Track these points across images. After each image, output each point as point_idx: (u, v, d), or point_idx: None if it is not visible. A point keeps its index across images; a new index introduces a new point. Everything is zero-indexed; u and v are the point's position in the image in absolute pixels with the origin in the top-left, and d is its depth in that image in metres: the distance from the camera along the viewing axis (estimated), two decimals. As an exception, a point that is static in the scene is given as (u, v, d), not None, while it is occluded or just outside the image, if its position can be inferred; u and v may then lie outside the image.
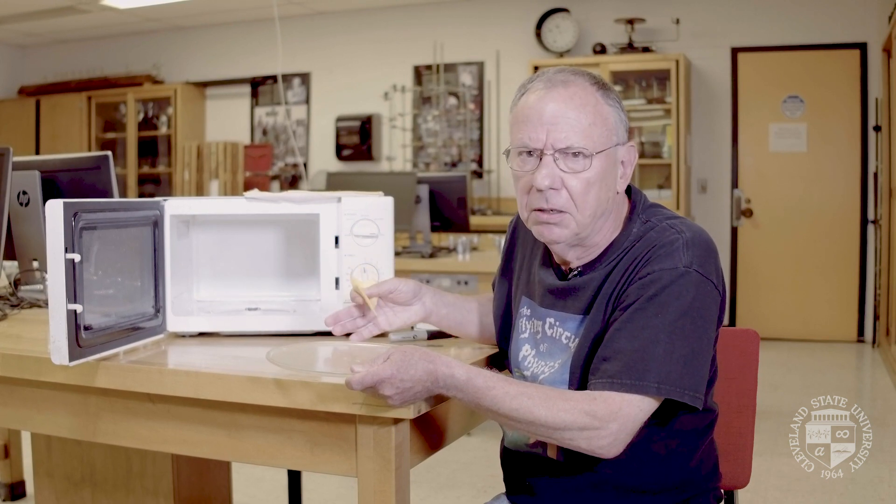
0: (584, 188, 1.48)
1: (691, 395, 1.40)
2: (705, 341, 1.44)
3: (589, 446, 1.37)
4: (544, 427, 1.37)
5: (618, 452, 1.39)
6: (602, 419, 1.36)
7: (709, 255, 1.46)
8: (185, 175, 9.13)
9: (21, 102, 9.92)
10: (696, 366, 1.42)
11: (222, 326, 1.90)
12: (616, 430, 1.36)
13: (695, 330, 1.42)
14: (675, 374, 1.38)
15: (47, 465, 2.81)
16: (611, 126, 1.51)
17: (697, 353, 1.42)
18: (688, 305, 1.41)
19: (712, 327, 1.47)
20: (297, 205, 1.88)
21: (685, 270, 1.42)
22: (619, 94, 1.56)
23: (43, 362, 1.61)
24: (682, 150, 7.25)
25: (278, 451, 1.55)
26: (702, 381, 1.43)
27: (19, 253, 2.56)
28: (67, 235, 1.48)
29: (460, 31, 8.28)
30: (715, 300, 1.46)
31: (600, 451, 1.37)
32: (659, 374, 1.38)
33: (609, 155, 1.50)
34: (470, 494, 3.61)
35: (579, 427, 1.36)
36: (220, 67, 9.27)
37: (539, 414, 1.36)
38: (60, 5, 8.17)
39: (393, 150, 8.53)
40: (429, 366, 1.38)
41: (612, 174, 1.51)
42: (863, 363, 6.62)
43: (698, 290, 1.42)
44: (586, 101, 1.49)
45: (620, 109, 1.53)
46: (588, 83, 1.51)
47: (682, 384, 1.39)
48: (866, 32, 7.07)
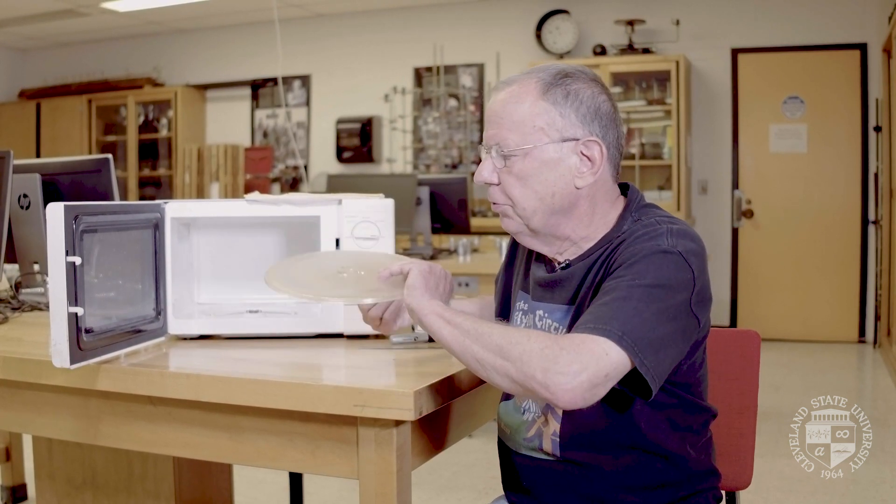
0: (513, 184, 1.52)
1: (641, 360, 1.32)
2: (674, 320, 1.39)
3: (544, 379, 1.28)
4: (505, 354, 1.33)
5: (574, 399, 1.28)
6: (563, 348, 1.29)
7: (696, 249, 1.45)
8: (185, 178, 9.14)
9: (21, 105, 9.92)
10: (659, 337, 1.36)
11: (223, 329, 1.90)
12: (577, 369, 1.27)
13: (667, 306, 1.37)
14: (638, 332, 1.32)
15: (48, 468, 2.81)
16: (547, 123, 1.49)
17: (664, 326, 1.37)
18: (664, 280, 1.38)
19: (684, 312, 1.41)
20: (298, 207, 1.88)
21: (668, 249, 1.41)
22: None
23: (44, 365, 1.61)
24: (682, 151, 7.25)
25: (279, 454, 1.55)
26: (661, 358, 1.36)
27: (20, 256, 2.56)
28: (68, 238, 1.48)
29: (460, 32, 8.28)
30: (689, 289, 1.41)
31: (556, 389, 1.27)
32: (624, 325, 1.32)
33: (545, 151, 1.50)
34: (471, 496, 3.61)
35: (539, 351, 1.30)
36: (220, 70, 9.28)
37: (504, 340, 1.35)
38: (61, 8, 8.18)
39: (393, 152, 8.53)
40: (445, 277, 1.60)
41: (554, 170, 1.50)
42: (864, 364, 6.61)
43: (678, 271, 1.40)
44: (521, 99, 1.50)
45: (570, 106, 1.50)
46: (534, 81, 1.51)
47: (639, 345, 1.32)
48: (866, 33, 7.07)
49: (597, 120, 1.51)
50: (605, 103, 1.52)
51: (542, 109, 1.49)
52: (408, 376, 1.59)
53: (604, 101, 1.52)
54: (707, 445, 1.63)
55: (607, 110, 1.52)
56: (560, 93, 1.49)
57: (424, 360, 1.70)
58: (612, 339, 1.31)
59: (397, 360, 1.70)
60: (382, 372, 1.66)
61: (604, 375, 1.29)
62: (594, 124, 1.50)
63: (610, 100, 1.54)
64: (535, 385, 1.29)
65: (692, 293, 1.42)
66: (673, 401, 1.51)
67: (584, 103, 1.50)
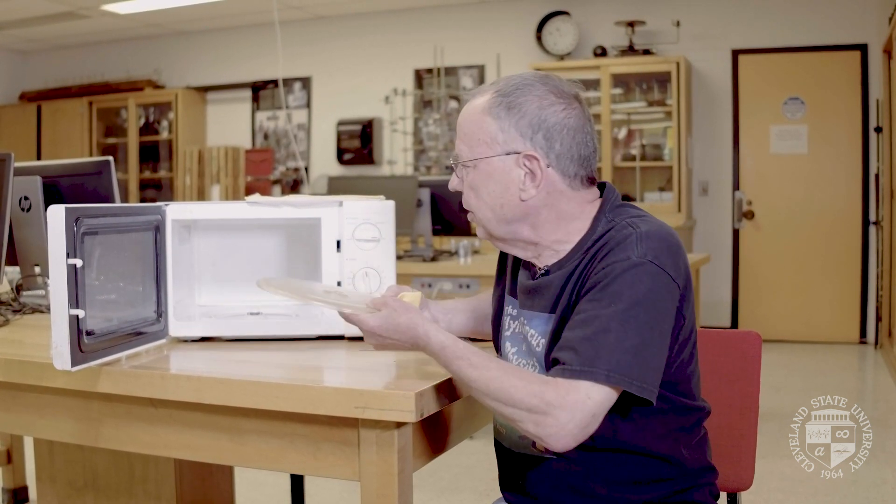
0: (469, 193, 1.60)
1: (639, 386, 1.38)
2: (658, 333, 1.43)
3: (536, 432, 1.37)
4: (497, 402, 1.40)
5: (567, 444, 1.36)
6: (549, 404, 1.35)
7: (666, 248, 1.46)
8: (186, 180, 9.14)
9: (22, 108, 9.93)
10: (647, 356, 1.40)
11: (224, 331, 1.90)
12: (564, 420, 1.35)
13: (648, 321, 1.40)
14: (624, 363, 1.37)
15: (50, 470, 2.81)
16: (490, 137, 1.53)
17: (649, 343, 1.40)
18: (641, 295, 1.41)
19: (668, 319, 1.45)
20: (299, 209, 1.89)
21: (639, 261, 1.43)
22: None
23: (45, 367, 1.61)
24: (683, 152, 7.25)
25: (281, 456, 1.55)
26: (653, 372, 1.41)
27: (21, 258, 2.56)
28: (69, 241, 1.48)
29: (461, 34, 8.28)
30: (672, 292, 1.45)
31: (548, 439, 1.36)
32: (609, 362, 1.36)
33: (490, 164, 1.54)
34: (472, 498, 3.61)
35: (527, 408, 1.36)
36: (220, 72, 9.28)
37: (493, 387, 1.40)
38: (61, 11, 8.19)
39: (394, 153, 8.53)
40: (411, 329, 1.50)
41: (499, 183, 1.54)
42: (865, 364, 6.61)
43: (653, 280, 1.42)
44: (471, 116, 1.56)
45: (510, 120, 1.51)
46: (488, 95, 1.55)
47: (632, 374, 1.37)
48: (867, 34, 7.07)
49: (540, 132, 1.51)
50: (555, 115, 1.51)
51: (486, 123, 1.53)
52: (409, 378, 1.59)
53: (553, 113, 1.51)
54: (702, 443, 1.63)
55: (556, 121, 1.51)
56: (503, 107, 1.52)
57: (425, 361, 1.70)
58: (598, 381, 1.36)
59: (398, 362, 1.70)
60: (383, 374, 1.66)
61: (591, 416, 1.37)
62: (537, 136, 1.51)
63: (566, 107, 1.52)
64: (532, 436, 1.40)
65: (677, 295, 1.45)
66: (664, 405, 1.50)
67: (526, 117, 1.51)
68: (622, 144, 7.67)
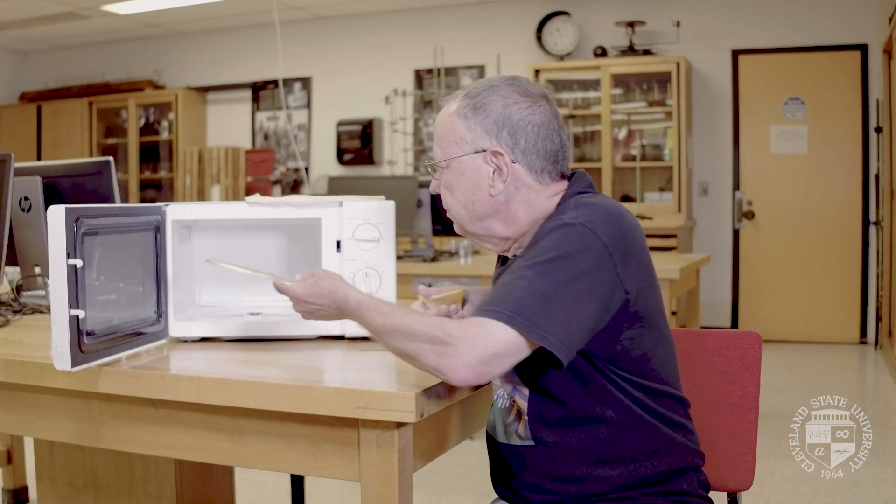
0: (444, 193, 1.67)
1: (540, 335, 1.38)
2: (578, 291, 1.42)
3: (437, 364, 1.39)
4: (403, 338, 1.43)
5: (466, 377, 1.38)
6: (450, 335, 1.39)
7: (605, 215, 1.48)
8: (186, 180, 9.14)
9: (22, 108, 9.93)
10: (557, 308, 1.40)
11: (224, 331, 1.90)
12: (463, 351, 1.37)
13: (567, 276, 1.42)
14: (530, 308, 1.39)
15: (50, 470, 2.81)
16: (459, 138, 1.61)
17: (563, 297, 1.41)
18: (563, 251, 1.43)
19: (595, 282, 1.44)
20: (299, 209, 1.89)
21: (569, 222, 1.47)
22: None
23: (45, 368, 1.61)
24: (683, 152, 7.25)
25: (281, 456, 1.55)
26: (562, 326, 1.40)
27: (21, 259, 2.56)
28: (69, 241, 1.48)
29: (461, 34, 8.29)
30: (600, 255, 1.44)
31: (447, 369, 1.38)
32: (515, 304, 1.39)
33: (461, 163, 1.61)
34: (473, 498, 3.61)
35: (429, 339, 1.40)
36: (220, 72, 9.28)
37: (399, 325, 1.45)
38: (61, 11, 8.19)
39: (394, 154, 8.53)
40: (332, 292, 1.55)
41: (469, 180, 1.61)
42: (865, 365, 6.61)
43: (581, 240, 1.44)
44: (442, 120, 1.64)
45: (476, 119, 1.59)
46: (458, 99, 1.63)
47: (535, 321, 1.38)
48: (867, 34, 7.07)
49: (505, 129, 1.58)
50: (519, 112, 1.58)
51: (454, 125, 1.61)
52: (409, 378, 1.58)
53: (517, 111, 1.58)
54: (680, 429, 1.62)
55: (520, 118, 1.57)
56: (470, 108, 1.60)
57: (426, 362, 1.70)
58: (500, 319, 1.39)
59: (399, 362, 1.70)
60: (384, 374, 1.66)
61: (492, 354, 1.38)
62: (502, 133, 1.58)
63: (531, 106, 1.58)
64: (434, 371, 1.42)
65: (607, 258, 1.45)
66: (619, 380, 1.53)
67: (491, 115, 1.58)
68: (622, 145, 7.67)
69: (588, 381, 1.52)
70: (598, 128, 7.63)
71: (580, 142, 7.83)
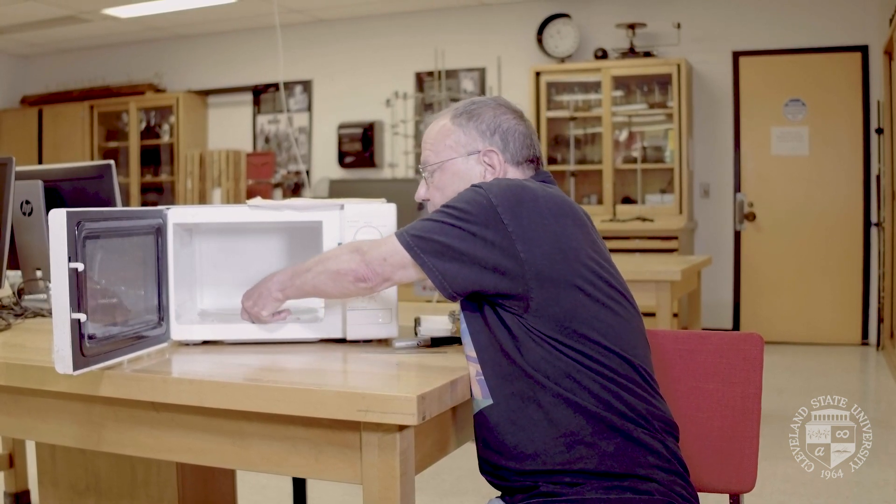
0: (435, 194, 1.84)
1: (415, 252, 1.59)
2: (461, 235, 1.57)
3: (347, 266, 1.65)
4: (325, 262, 1.69)
5: (366, 274, 1.63)
6: (360, 249, 1.66)
7: (506, 185, 1.63)
8: (187, 183, 9.14)
9: (23, 112, 9.94)
10: (437, 239, 1.58)
11: (226, 335, 1.90)
12: (367, 257, 1.64)
13: (455, 219, 1.59)
14: (418, 231, 1.61)
15: (52, 474, 2.81)
16: (455, 141, 1.79)
17: (445, 234, 1.58)
18: (460, 202, 1.62)
19: (480, 232, 1.57)
20: (300, 212, 1.89)
21: (477, 185, 1.66)
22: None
23: (47, 371, 1.61)
24: (684, 154, 7.25)
25: (283, 459, 1.55)
26: (438, 256, 1.58)
27: (22, 262, 2.56)
28: (71, 244, 1.48)
29: (461, 37, 8.29)
30: (488, 212, 1.58)
31: (349, 270, 1.64)
32: (409, 228, 1.63)
33: (455, 164, 1.79)
34: (475, 500, 3.61)
35: (346, 252, 1.67)
36: (221, 75, 9.29)
37: (319, 259, 1.71)
38: (62, 15, 8.20)
39: (395, 156, 8.54)
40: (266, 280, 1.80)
41: (463, 180, 1.77)
42: (867, 366, 6.60)
43: (473, 196, 1.61)
44: (436, 125, 1.84)
45: (472, 125, 1.79)
46: (450, 112, 1.83)
47: (416, 242, 1.60)
48: (867, 35, 7.07)
49: (497, 134, 1.79)
50: (508, 122, 1.80)
51: (450, 131, 1.81)
52: (411, 381, 1.59)
53: (506, 120, 1.80)
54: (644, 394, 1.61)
55: (509, 126, 1.79)
56: (465, 116, 1.81)
57: (427, 364, 1.70)
58: (395, 234, 1.64)
59: (400, 365, 1.70)
60: (385, 377, 1.66)
61: (381, 258, 1.63)
62: (494, 137, 1.78)
63: (517, 118, 1.81)
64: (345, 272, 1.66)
65: (494, 214, 1.57)
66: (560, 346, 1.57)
67: (484, 122, 1.79)
68: (623, 146, 7.68)
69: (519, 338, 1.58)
70: (599, 130, 7.63)
71: (581, 144, 7.83)
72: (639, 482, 1.54)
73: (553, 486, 1.55)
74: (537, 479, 1.57)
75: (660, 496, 1.54)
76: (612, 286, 1.65)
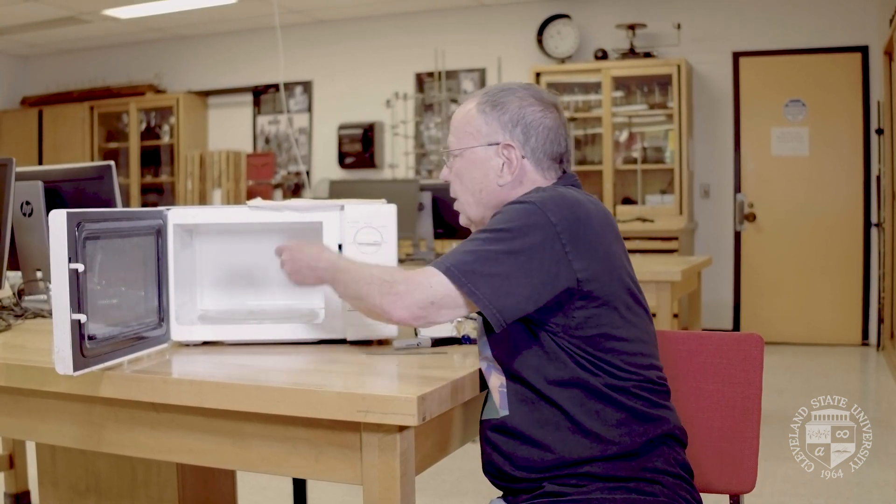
0: (455, 180, 1.79)
1: (470, 289, 1.50)
2: (519, 261, 1.52)
3: (381, 301, 1.54)
4: (359, 283, 1.58)
5: (402, 315, 1.53)
6: (395, 279, 1.55)
7: (560, 199, 1.58)
8: (187, 184, 9.14)
9: (23, 113, 9.94)
10: (492, 270, 1.51)
11: (226, 335, 1.90)
12: (403, 292, 1.52)
13: (508, 246, 1.52)
14: (465, 265, 1.52)
15: (52, 474, 2.81)
16: (476, 129, 1.74)
17: (501, 263, 1.51)
18: (509, 225, 1.55)
19: (539, 256, 1.52)
20: (300, 213, 1.89)
21: (521, 201, 1.59)
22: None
23: (47, 372, 1.61)
24: (684, 155, 7.25)
25: (283, 460, 1.55)
26: (492, 287, 1.50)
27: (23, 263, 2.56)
28: (71, 245, 1.48)
29: (461, 37, 8.29)
30: (548, 233, 1.53)
31: (389, 306, 1.53)
32: (456, 260, 1.53)
33: (474, 153, 1.74)
34: (475, 501, 3.61)
35: (378, 282, 1.55)
36: (221, 76, 9.29)
37: (356, 274, 1.61)
38: (62, 16, 8.20)
39: (395, 157, 8.54)
40: (318, 247, 1.73)
41: (480, 169, 1.74)
42: (867, 366, 6.60)
43: (528, 216, 1.55)
44: (461, 110, 1.79)
45: (494, 115, 1.72)
46: (478, 96, 1.77)
47: (469, 277, 1.51)
48: (867, 35, 7.07)
49: (519, 127, 1.72)
50: (534, 114, 1.72)
51: (472, 118, 1.75)
52: (411, 381, 1.59)
53: (531, 112, 1.72)
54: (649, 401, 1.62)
55: (534, 119, 1.72)
56: (489, 105, 1.74)
57: (428, 365, 1.70)
58: (440, 270, 1.53)
59: (400, 366, 1.70)
60: (386, 377, 1.66)
61: (429, 302, 1.52)
62: (516, 130, 1.72)
63: (544, 110, 1.73)
64: (378, 309, 1.56)
65: (554, 237, 1.53)
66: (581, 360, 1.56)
67: (508, 113, 1.72)
68: (623, 147, 7.68)
69: (549, 354, 1.57)
70: (599, 130, 7.63)
71: (581, 144, 7.83)
72: (644, 485, 1.55)
73: (557, 487, 1.56)
74: (542, 480, 1.58)
75: (664, 498, 1.55)
76: (639, 301, 1.67)
